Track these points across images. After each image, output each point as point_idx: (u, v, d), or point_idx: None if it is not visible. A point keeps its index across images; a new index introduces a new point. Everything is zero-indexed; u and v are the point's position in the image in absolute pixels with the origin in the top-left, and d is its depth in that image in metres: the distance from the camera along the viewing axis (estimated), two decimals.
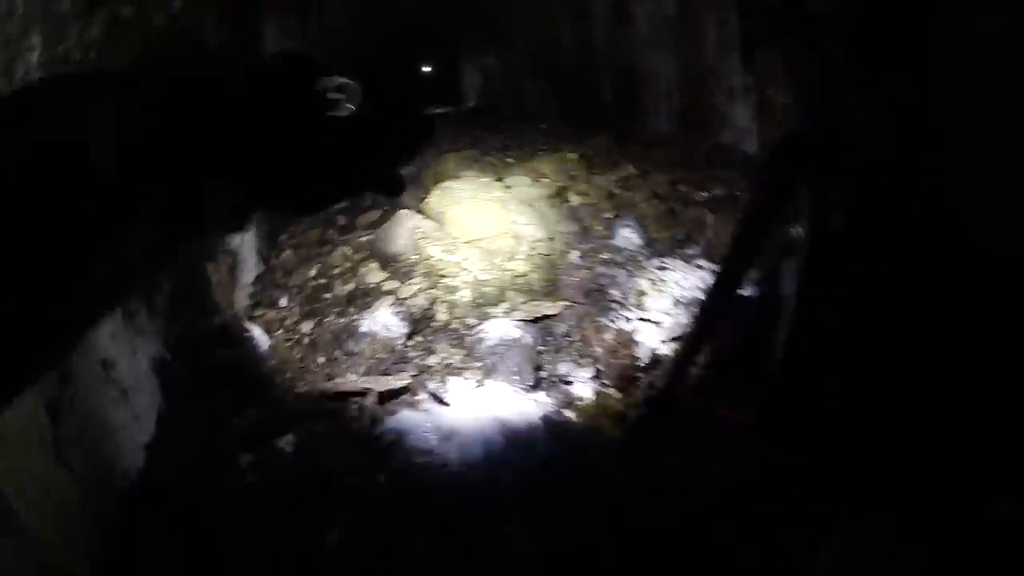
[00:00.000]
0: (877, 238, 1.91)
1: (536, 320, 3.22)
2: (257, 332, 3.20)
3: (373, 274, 3.78)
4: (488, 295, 3.51)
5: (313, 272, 4.12)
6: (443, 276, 3.71)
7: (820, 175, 1.94)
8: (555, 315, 3.26)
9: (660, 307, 3.35)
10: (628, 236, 4.02)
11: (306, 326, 3.51)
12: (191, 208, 0.62)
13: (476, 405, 2.69)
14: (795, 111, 2.17)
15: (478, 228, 3.99)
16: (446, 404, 2.73)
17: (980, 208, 1.72)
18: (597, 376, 2.89)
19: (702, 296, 3.21)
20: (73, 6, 2.15)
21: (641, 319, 3.27)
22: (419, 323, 3.30)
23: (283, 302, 3.83)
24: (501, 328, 3.10)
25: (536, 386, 2.83)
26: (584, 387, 2.85)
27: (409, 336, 3.19)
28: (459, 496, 2.30)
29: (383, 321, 3.18)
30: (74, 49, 2.23)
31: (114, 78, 0.67)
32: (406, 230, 4.01)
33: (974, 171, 1.72)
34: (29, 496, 1.69)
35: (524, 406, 2.68)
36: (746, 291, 3.28)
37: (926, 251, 1.80)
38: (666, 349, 2.98)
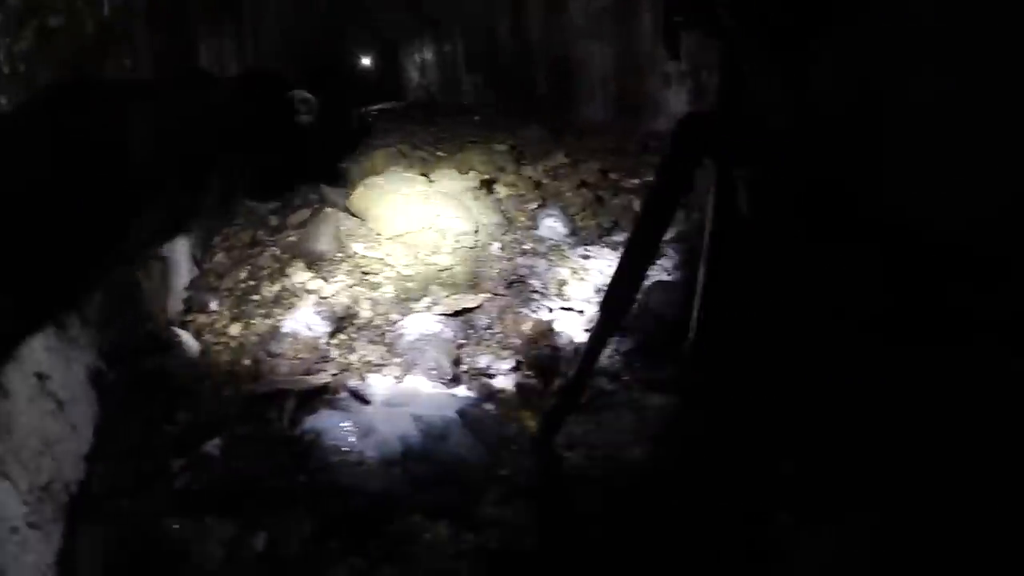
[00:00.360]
0: (786, 217, 1.93)
1: (457, 313, 3.25)
2: (187, 338, 3.19)
3: (298, 274, 3.79)
4: (411, 290, 3.53)
5: (243, 274, 4.11)
6: (366, 273, 3.73)
7: (724, 153, 1.95)
8: (476, 308, 3.29)
9: (582, 295, 3.40)
10: (552, 226, 4.06)
11: (234, 329, 3.50)
12: (193, 196, 0.70)
13: (395, 401, 2.71)
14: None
15: (403, 223, 4.01)
16: (366, 402, 2.74)
17: (915, 182, 1.72)
18: (517, 368, 2.92)
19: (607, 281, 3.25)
20: (3, 22, 2.15)
21: (562, 308, 3.31)
22: (342, 321, 3.31)
23: (214, 306, 3.81)
24: (422, 323, 3.12)
25: (456, 380, 2.86)
26: (504, 379, 2.88)
27: (331, 335, 3.20)
28: (377, 493, 2.32)
29: (305, 321, 3.19)
30: (4, 63, 2.22)
31: (123, 89, 0.75)
32: (331, 228, 4.02)
33: (907, 147, 1.73)
34: None
35: (443, 400, 2.71)
36: (658, 274, 3.36)
37: (854, 230, 1.81)
38: (586, 337, 3.02)
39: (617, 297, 2.28)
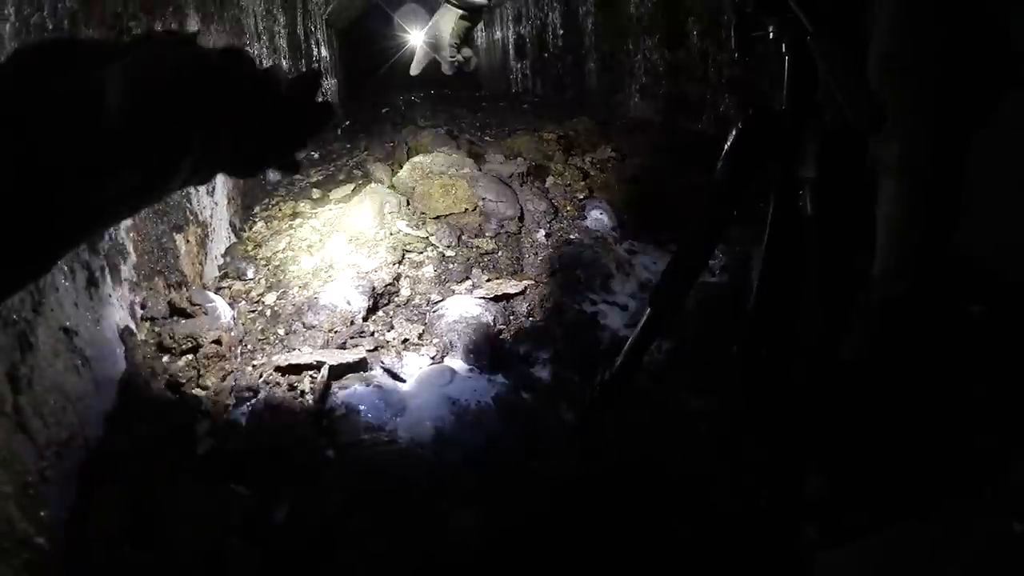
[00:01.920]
0: (847, 223, 1.87)
1: (498, 298, 3.18)
2: (220, 303, 3.15)
3: (339, 247, 3.74)
4: (452, 271, 3.47)
5: (283, 245, 4.09)
6: (408, 251, 3.68)
7: (789, 153, 1.88)
8: (518, 294, 3.22)
9: (626, 290, 3.32)
10: (599, 218, 3.99)
11: (270, 298, 3.47)
12: (167, 164, 0.68)
13: (430, 382, 2.65)
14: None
15: (448, 204, 3.94)
16: (401, 380, 2.69)
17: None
18: (556, 358, 2.85)
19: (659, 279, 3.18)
20: None
21: (605, 301, 3.23)
22: (380, 297, 3.26)
23: (250, 274, 3.79)
24: (462, 305, 3.05)
25: (493, 365, 2.79)
26: (542, 369, 2.82)
27: (369, 310, 3.14)
28: (406, 473, 2.26)
29: (344, 294, 3.13)
30: (48, 18, 2.21)
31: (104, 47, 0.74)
32: (375, 204, 3.97)
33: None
34: None
35: (479, 385, 2.64)
36: (711, 275, 3.28)
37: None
38: (628, 333, 2.95)
39: (668, 294, 2.21)
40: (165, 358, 2.78)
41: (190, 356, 2.82)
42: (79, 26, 2.43)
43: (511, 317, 3.09)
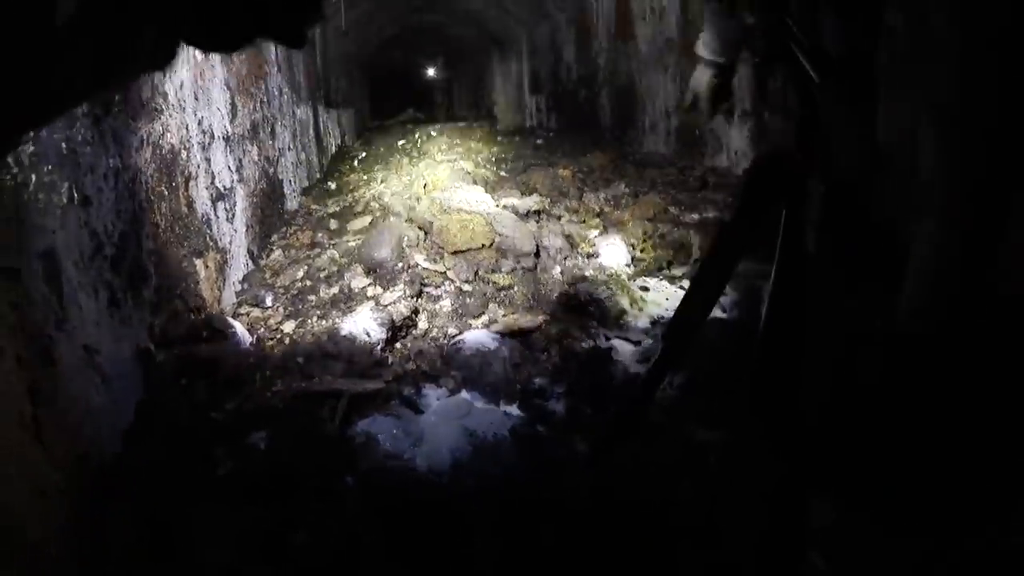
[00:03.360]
0: (852, 260, 1.92)
1: (514, 333, 3.25)
2: (240, 329, 3.22)
3: (357, 279, 3.82)
4: (469, 306, 3.54)
5: (300, 274, 4.16)
6: (426, 285, 3.75)
7: (797, 194, 1.95)
8: (534, 329, 3.28)
9: (638, 326, 3.38)
10: (613, 254, 4.05)
11: (288, 326, 3.54)
12: (123, 44, 0.66)
13: (448, 413, 2.72)
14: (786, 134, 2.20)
15: (465, 239, 4.01)
16: (419, 411, 2.75)
17: None
18: (571, 392, 2.91)
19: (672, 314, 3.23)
20: None
21: (619, 337, 3.30)
22: (399, 330, 3.33)
23: (268, 301, 3.86)
24: (480, 339, 3.12)
25: (509, 398, 2.85)
26: (556, 402, 2.87)
27: (388, 341, 3.21)
28: (424, 501, 2.32)
29: (363, 325, 3.20)
30: None
31: None
32: (393, 237, 4.05)
33: None
34: (3, 471, 1.72)
35: (495, 418, 2.70)
36: (722, 311, 3.34)
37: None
38: (641, 368, 3.01)
39: (681, 330, 2.26)
40: (183, 380, 2.83)
41: (208, 379, 2.88)
42: None
43: (527, 351, 3.15)
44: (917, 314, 1.81)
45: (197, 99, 3.69)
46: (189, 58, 3.59)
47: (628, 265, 4.02)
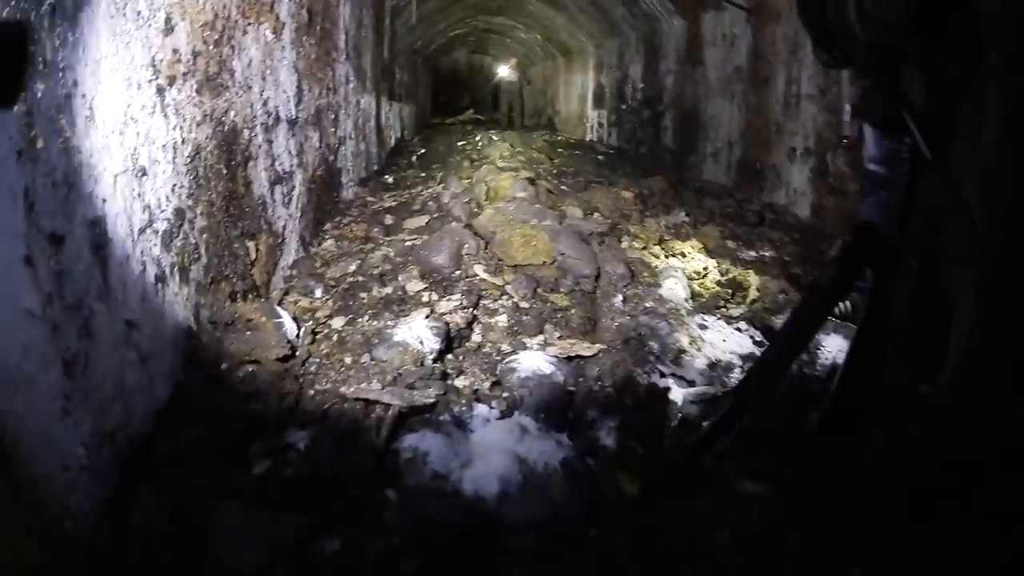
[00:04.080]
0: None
1: (570, 359, 3.16)
2: (286, 318, 3.17)
3: (413, 282, 3.76)
4: (526, 324, 3.46)
5: (352, 268, 4.11)
6: (483, 297, 3.68)
7: (887, 265, 1.93)
8: (590, 357, 3.19)
9: (696, 367, 3.29)
10: (672, 287, 3.96)
11: (337, 322, 3.48)
12: None
13: (500, 437, 2.63)
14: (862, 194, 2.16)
15: (526, 255, 3.94)
16: (470, 430, 2.67)
17: None
18: (623, 427, 2.82)
19: (747, 367, 3.15)
20: None
21: (674, 375, 3.20)
22: (453, 341, 3.26)
23: (318, 293, 3.82)
24: (534, 361, 3.03)
25: (561, 427, 2.77)
26: (607, 436, 2.78)
27: (441, 353, 3.14)
28: (466, 525, 2.25)
29: (417, 333, 3.12)
30: None
31: None
32: (453, 244, 3.99)
33: None
34: (29, 444, 1.67)
35: (547, 446, 2.62)
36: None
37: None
38: (695, 411, 2.92)
39: (755, 388, 2.23)
40: (224, 365, 2.77)
41: (250, 368, 2.81)
42: None
43: (581, 379, 3.06)
44: (949, 387, 1.79)
45: (264, 79, 3.66)
46: (260, 36, 3.55)
47: (687, 300, 3.92)
